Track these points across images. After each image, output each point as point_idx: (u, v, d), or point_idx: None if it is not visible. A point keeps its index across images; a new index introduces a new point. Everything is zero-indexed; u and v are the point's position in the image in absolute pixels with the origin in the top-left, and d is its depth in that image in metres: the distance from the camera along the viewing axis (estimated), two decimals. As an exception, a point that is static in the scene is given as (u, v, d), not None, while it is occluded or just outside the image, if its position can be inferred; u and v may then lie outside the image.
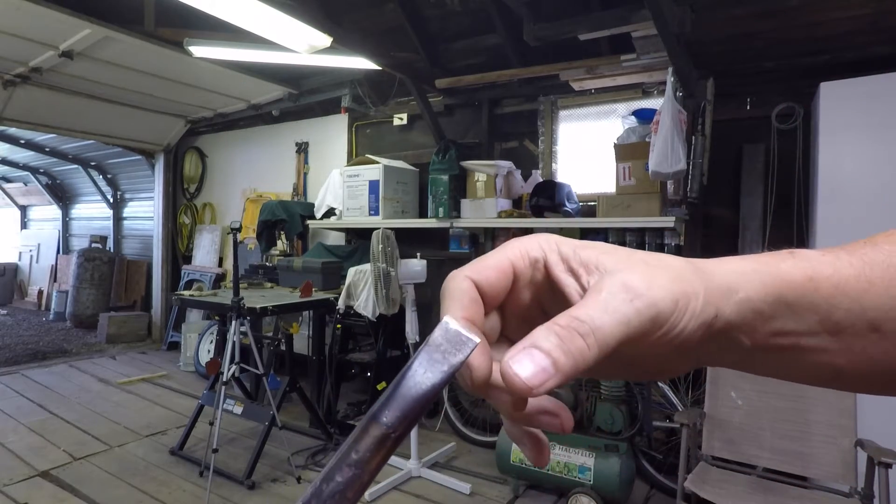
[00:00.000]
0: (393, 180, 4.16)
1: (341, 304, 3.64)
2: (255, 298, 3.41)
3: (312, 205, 4.73)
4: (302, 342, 4.07)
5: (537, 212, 3.52)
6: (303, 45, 3.06)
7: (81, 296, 7.07)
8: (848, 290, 0.28)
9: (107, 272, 7.19)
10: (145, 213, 7.15)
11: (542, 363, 0.24)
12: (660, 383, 3.04)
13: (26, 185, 9.25)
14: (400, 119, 4.56)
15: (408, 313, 3.29)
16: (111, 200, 7.73)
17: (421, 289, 3.50)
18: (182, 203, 6.56)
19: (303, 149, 5.32)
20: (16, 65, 4.25)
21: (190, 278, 6.15)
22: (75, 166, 7.71)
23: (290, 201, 5.04)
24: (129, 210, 7.64)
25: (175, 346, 6.07)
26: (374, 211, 4.13)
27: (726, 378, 2.45)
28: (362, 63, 3.53)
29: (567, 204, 3.47)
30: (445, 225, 3.94)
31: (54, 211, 9.04)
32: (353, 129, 4.92)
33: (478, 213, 3.79)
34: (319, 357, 3.87)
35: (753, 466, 2.34)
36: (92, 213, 8.37)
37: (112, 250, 7.59)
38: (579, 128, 3.93)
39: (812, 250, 0.30)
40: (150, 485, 3.00)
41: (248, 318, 3.09)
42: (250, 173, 5.83)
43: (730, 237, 3.23)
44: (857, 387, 0.31)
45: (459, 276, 0.29)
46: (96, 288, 7.12)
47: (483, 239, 4.08)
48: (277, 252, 4.77)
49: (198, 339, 5.35)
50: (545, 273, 0.30)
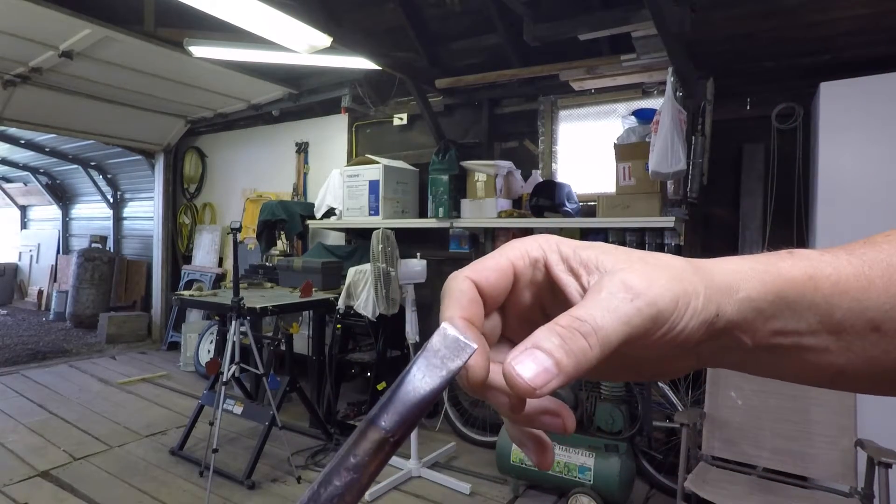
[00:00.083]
0: (393, 180, 4.16)
1: (341, 304, 3.64)
2: (255, 298, 3.41)
3: (312, 205, 4.73)
4: (302, 342, 4.07)
5: (537, 212, 3.52)
6: (303, 45, 3.06)
7: (81, 296, 7.07)
8: (848, 289, 0.28)
9: (107, 272, 7.19)
10: (145, 213, 7.15)
11: (545, 363, 0.24)
12: (660, 383, 3.04)
13: (26, 185, 9.25)
14: (400, 119, 4.56)
15: (408, 313, 3.29)
16: (111, 200, 7.73)
17: (421, 289, 3.50)
18: (182, 203, 6.56)
19: (303, 149, 5.32)
20: (16, 65, 4.25)
21: (190, 278, 6.15)
22: (75, 166, 7.71)
23: (290, 201, 5.04)
24: (129, 210, 7.65)
25: (175, 346, 6.07)
26: (374, 211, 4.13)
27: (726, 378, 2.45)
28: (362, 63, 3.53)
29: (567, 204, 3.47)
30: (445, 225, 3.94)
31: (54, 211, 9.04)
32: (353, 129, 4.91)
33: (478, 213, 3.79)
34: (319, 357, 3.87)
35: (753, 466, 2.34)
36: (92, 213, 8.37)
37: (112, 250, 7.59)
38: (579, 128, 3.93)
39: (811, 250, 0.30)
40: (150, 485, 3.00)
41: (248, 318, 3.09)
42: (250, 173, 5.83)
43: (730, 237, 3.23)
44: (858, 387, 0.31)
45: (459, 276, 0.29)
46: (96, 288, 7.12)
47: (483, 239, 4.08)
48: (277, 252, 4.76)
49: (198, 339, 5.36)
50: (545, 273, 0.30)
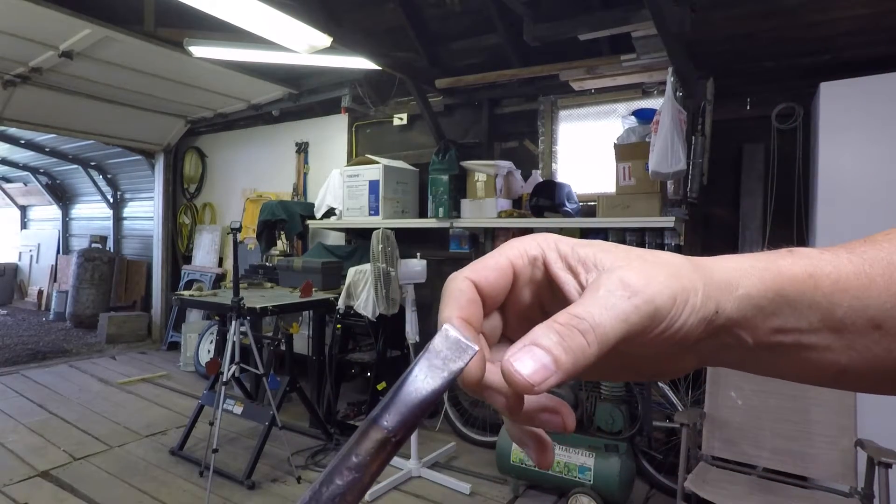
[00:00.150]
0: (393, 180, 4.15)
1: (341, 304, 3.64)
2: (255, 298, 3.41)
3: (312, 205, 4.73)
4: (302, 342, 4.07)
5: (537, 212, 3.52)
6: (303, 45, 3.06)
7: (81, 296, 7.07)
8: (848, 288, 0.28)
9: (107, 272, 7.19)
10: (145, 213, 7.15)
11: (543, 360, 0.24)
12: (660, 383, 3.04)
13: (26, 185, 9.25)
14: (400, 119, 4.56)
15: (408, 313, 3.29)
16: (111, 200, 7.73)
17: (421, 289, 3.50)
18: (182, 203, 6.56)
19: (303, 149, 5.32)
20: (16, 65, 4.25)
21: (190, 278, 6.15)
22: (75, 166, 7.71)
23: (290, 201, 5.04)
24: (129, 210, 7.64)
25: (175, 346, 6.07)
26: (374, 211, 4.13)
27: (726, 378, 2.45)
28: (362, 63, 3.53)
29: (567, 204, 3.47)
30: (445, 225, 3.94)
31: (54, 211, 9.04)
32: (353, 129, 4.91)
33: (478, 213, 3.79)
34: (319, 357, 3.87)
35: (753, 466, 2.34)
36: (92, 213, 8.37)
37: (112, 250, 7.59)
38: (579, 128, 3.93)
39: (811, 248, 0.30)
40: (150, 485, 3.00)
41: (248, 318, 3.09)
42: (250, 173, 5.83)
43: (730, 237, 3.23)
44: (860, 386, 0.31)
45: (459, 277, 0.29)
46: (96, 288, 7.12)
47: (483, 239, 4.08)
48: (277, 252, 4.76)
49: (198, 339, 5.35)
50: (544, 271, 0.30)
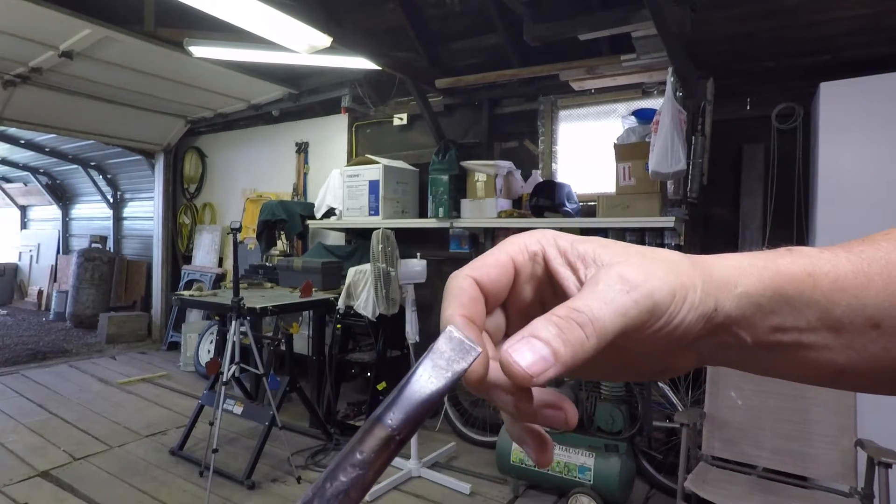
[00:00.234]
0: (393, 180, 4.15)
1: (341, 304, 3.64)
2: (255, 298, 3.41)
3: (312, 205, 4.73)
4: (302, 342, 4.07)
5: (537, 212, 3.52)
6: (303, 45, 3.06)
7: (81, 296, 7.07)
8: (847, 287, 0.28)
9: (107, 272, 7.19)
10: (145, 213, 7.15)
11: (542, 352, 0.24)
12: (660, 383, 3.04)
13: (26, 185, 9.25)
14: (400, 119, 4.56)
15: (408, 313, 3.29)
16: (111, 200, 7.73)
17: (421, 289, 3.50)
18: (182, 203, 6.56)
19: (303, 149, 5.32)
20: (16, 65, 4.25)
21: (190, 278, 6.15)
22: (75, 166, 7.71)
23: (290, 201, 5.04)
24: (129, 210, 7.64)
25: (175, 346, 6.07)
26: (374, 211, 4.13)
27: (726, 378, 2.45)
28: (362, 63, 3.53)
29: (567, 204, 3.47)
30: (445, 225, 3.94)
31: (54, 211, 9.04)
32: (353, 129, 4.91)
33: (478, 213, 3.79)
34: (319, 357, 3.87)
35: (753, 466, 2.34)
36: (92, 213, 8.37)
37: (112, 250, 7.59)
38: (579, 128, 3.93)
39: (810, 247, 0.30)
40: (150, 485, 3.00)
41: (248, 318, 3.09)
42: (250, 173, 5.83)
43: (730, 237, 3.23)
44: (859, 386, 0.31)
45: (460, 275, 0.29)
46: (96, 288, 7.12)
47: (483, 239, 4.08)
48: (277, 252, 4.77)
49: (198, 339, 5.36)
50: (545, 267, 0.30)
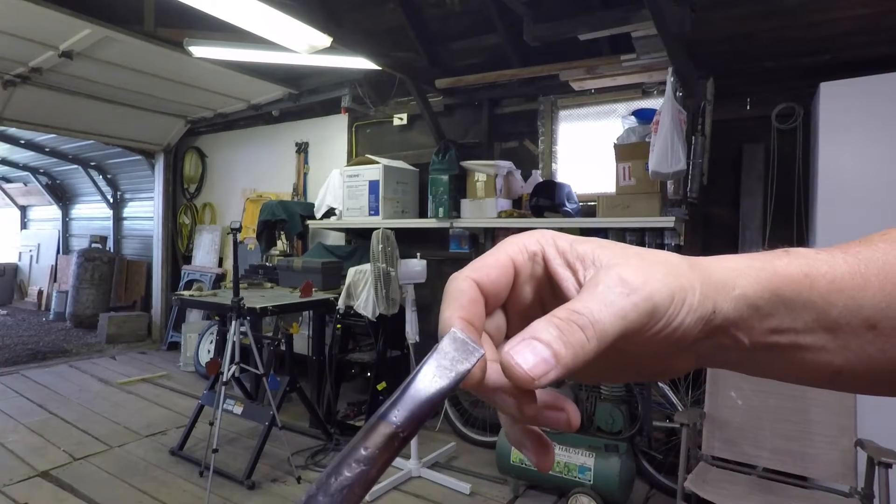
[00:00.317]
0: (393, 180, 4.16)
1: (341, 304, 3.64)
2: (255, 298, 3.41)
3: (312, 205, 4.73)
4: (302, 342, 4.07)
5: (537, 212, 3.52)
6: (303, 45, 3.06)
7: (81, 296, 7.07)
8: (844, 288, 0.28)
9: (107, 272, 7.19)
10: (145, 213, 7.15)
11: (543, 354, 0.24)
12: (660, 383, 3.04)
13: (26, 185, 9.26)
14: (400, 119, 4.56)
15: (408, 313, 3.29)
16: (111, 200, 7.73)
17: (421, 289, 3.50)
18: (182, 203, 6.56)
19: (303, 149, 5.32)
20: (16, 65, 4.25)
21: (190, 278, 6.15)
22: (75, 166, 7.71)
23: (290, 201, 5.04)
24: (129, 210, 7.65)
25: (175, 346, 6.07)
26: (374, 211, 4.13)
27: (726, 378, 2.45)
28: (362, 63, 3.53)
29: (567, 204, 3.47)
30: (445, 225, 3.94)
31: (54, 211, 9.04)
32: (353, 129, 4.92)
33: (478, 213, 3.79)
34: (319, 357, 3.87)
35: (753, 466, 2.34)
36: (92, 213, 8.37)
37: (112, 250, 7.59)
38: (579, 128, 3.93)
39: (807, 249, 0.30)
40: (150, 485, 3.00)
41: (248, 318, 3.09)
42: (250, 173, 5.83)
43: (730, 237, 3.23)
44: (857, 387, 0.31)
45: (460, 276, 0.29)
46: (96, 288, 7.12)
47: (483, 239, 4.08)
48: (277, 252, 4.77)
49: (198, 339, 5.36)
50: (544, 267, 0.30)
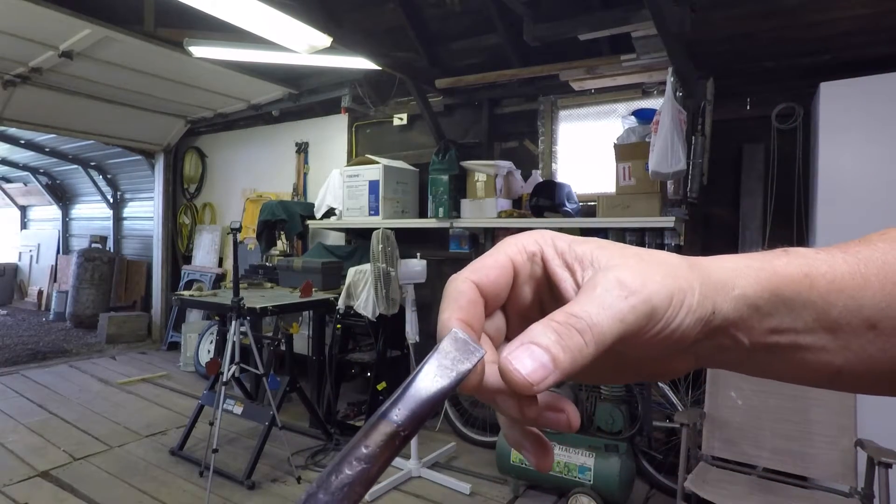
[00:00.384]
0: (393, 180, 4.15)
1: (341, 304, 3.64)
2: (255, 298, 3.41)
3: (312, 205, 4.73)
4: (302, 342, 4.07)
5: (537, 212, 3.52)
6: (303, 45, 3.06)
7: (81, 296, 7.07)
8: (843, 287, 0.28)
9: (107, 272, 7.19)
10: (145, 213, 7.15)
11: (542, 359, 0.24)
12: (660, 383, 3.04)
13: (26, 185, 9.26)
14: (400, 119, 4.56)
15: (408, 313, 3.29)
16: (111, 200, 7.73)
17: (421, 289, 3.50)
18: (182, 203, 6.56)
19: (303, 149, 5.32)
20: (16, 65, 4.25)
21: (190, 278, 6.15)
22: (75, 166, 7.71)
23: (290, 201, 5.04)
24: (129, 210, 7.65)
25: (175, 346, 6.07)
26: (374, 211, 4.13)
27: (726, 378, 2.45)
28: (362, 63, 3.53)
29: (567, 204, 3.47)
30: (445, 225, 3.94)
31: (54, 211, 9.04)
32: (353, 129, 4.92)
33: (478, 213, 3.79)
34: (319, 357, 3.87)
35: (753, 466, 2.34)
36: (92, 213, 8.37)
37: (112, 250, 7.59)
38: (579, 128, 3.93)
39: (807, 248, 0.30)
40: (150, 485, 3.00)
41: (248, 318, 3.09)
42: (250, 173, 5.83)
43: (730, 237, 3.23)
44: (857, 387, 0.31)
45: (459, 277, 0.29)
46: (96, 288, 7.12)
47: (483, 239, 4.08)
48: (277, 252, 4.77)
49: (198, 339, 5.36)
50: (543, 268, 0.30)
